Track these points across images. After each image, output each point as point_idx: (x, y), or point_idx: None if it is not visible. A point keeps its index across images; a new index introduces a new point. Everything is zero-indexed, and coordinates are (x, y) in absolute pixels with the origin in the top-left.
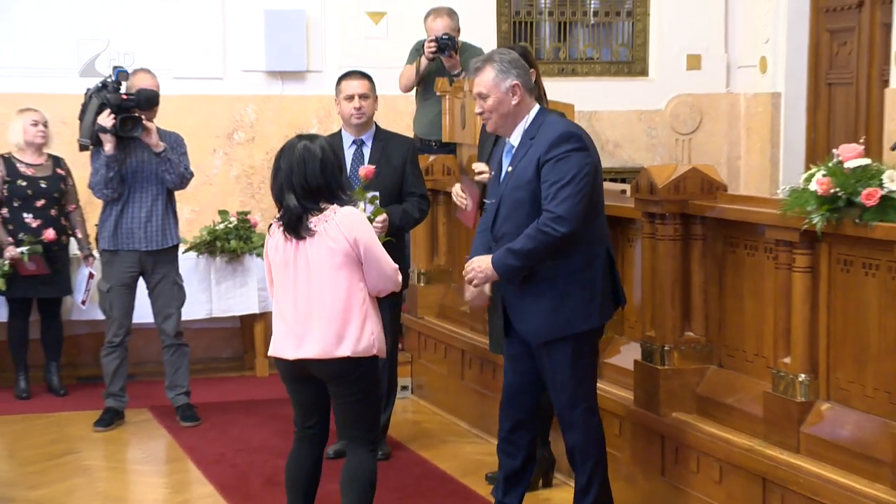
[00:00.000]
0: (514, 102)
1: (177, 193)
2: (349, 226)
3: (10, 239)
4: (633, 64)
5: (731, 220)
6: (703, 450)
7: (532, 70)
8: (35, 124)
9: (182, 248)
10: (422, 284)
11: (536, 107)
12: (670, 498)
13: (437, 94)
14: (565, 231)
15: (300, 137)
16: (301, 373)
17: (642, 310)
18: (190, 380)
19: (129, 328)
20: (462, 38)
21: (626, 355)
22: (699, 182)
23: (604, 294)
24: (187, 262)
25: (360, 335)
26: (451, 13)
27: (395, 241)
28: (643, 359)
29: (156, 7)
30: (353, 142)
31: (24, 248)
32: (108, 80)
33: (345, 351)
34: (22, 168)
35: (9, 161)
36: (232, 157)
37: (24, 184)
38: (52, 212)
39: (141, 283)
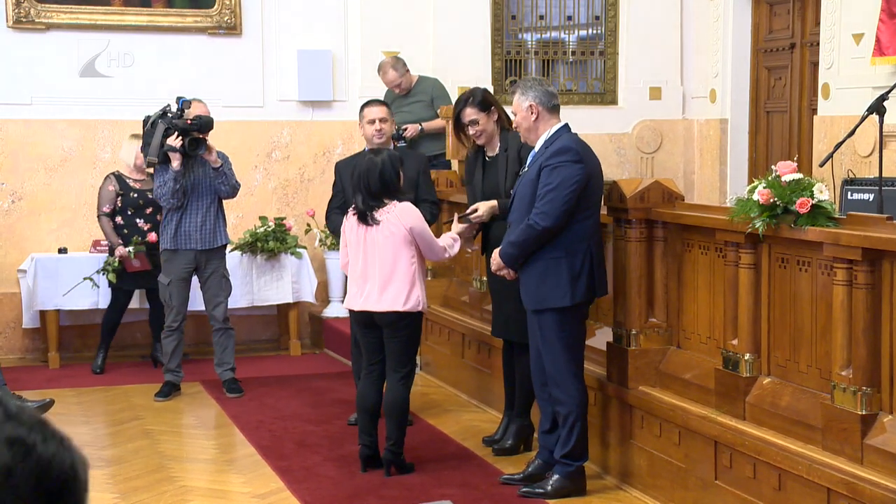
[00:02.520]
0: (532, 119)
1: (224, 202)
2: (403, 216)
3: (121, 241)
4: (605, 95)
5: (688, 225)
6: (665, 417)
7: (493, 109)
8: None
9: (229, 247)
10: (429, 278)
11: (561, 123)
12: (638, 457)
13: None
14: (547, 225)
15: (370, 151)
16: (365, 320)
17: (614, 300)
18: (234, 358)
19: (185, 315)
20: (462, 72)
21: (600, 338)
22: (661, 193)
23: (578, 281)
24: (233, 259)
25: (408, 296)
26: (394, 65)
27: None
28: (614, 341)
29: (208, 51)
30: None
31: (130, 248)
32: (168, 107)
33: (395, 306)
34: (131, 183)
35: (120, 178)
36: (270, 173)
37: (136, 196)
38: (158, 217)
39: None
